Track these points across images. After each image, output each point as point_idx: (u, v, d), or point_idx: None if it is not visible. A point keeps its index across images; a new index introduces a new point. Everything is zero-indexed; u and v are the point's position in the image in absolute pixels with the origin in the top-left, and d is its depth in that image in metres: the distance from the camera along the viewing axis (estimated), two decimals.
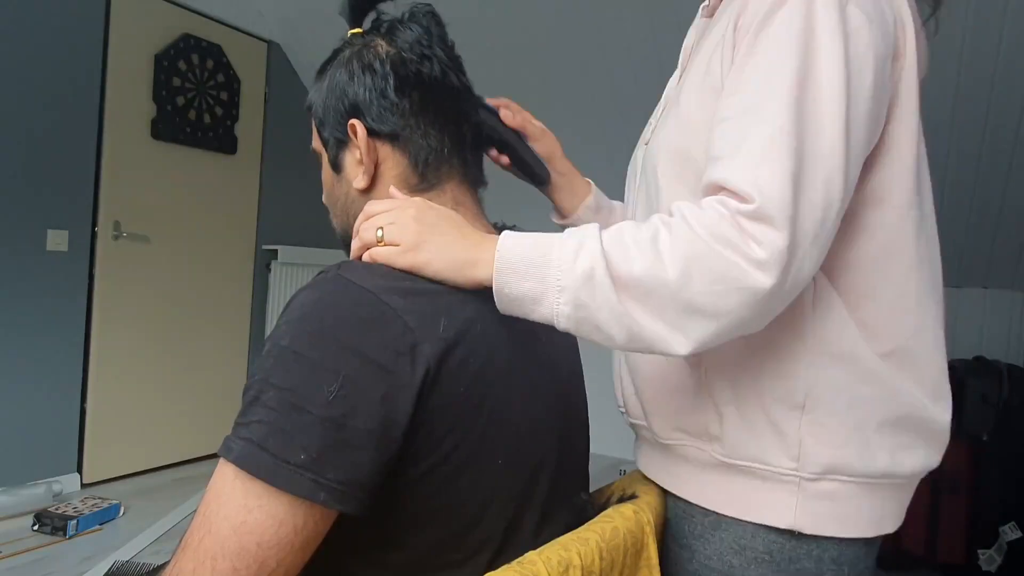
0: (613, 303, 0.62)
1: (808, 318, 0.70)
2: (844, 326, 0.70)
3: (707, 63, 0.73)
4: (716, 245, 0.59)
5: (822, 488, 0.70)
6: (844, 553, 0.72)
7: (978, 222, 2.89)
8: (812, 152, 0.61)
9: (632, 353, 0.82)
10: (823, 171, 0.61)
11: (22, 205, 2.81)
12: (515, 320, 0.68)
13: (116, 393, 3.16)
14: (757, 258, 0.58)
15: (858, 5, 0.65)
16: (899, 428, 0.72)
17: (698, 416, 0.75)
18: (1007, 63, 2.44)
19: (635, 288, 0.61)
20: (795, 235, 0.59)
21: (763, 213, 0.59)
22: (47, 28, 2.85)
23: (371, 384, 0.58)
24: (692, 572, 0.78)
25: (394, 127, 0.75)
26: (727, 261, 0.59)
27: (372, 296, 0.61)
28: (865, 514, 0.72)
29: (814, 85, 0.62)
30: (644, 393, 0.81)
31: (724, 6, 0.78)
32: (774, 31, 0.64)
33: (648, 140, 0.85)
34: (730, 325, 0.61)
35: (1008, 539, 2.55)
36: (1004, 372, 2.70)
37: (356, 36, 0.81)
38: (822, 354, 0.70)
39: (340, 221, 0.83)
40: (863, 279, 0.71)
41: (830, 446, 0.70)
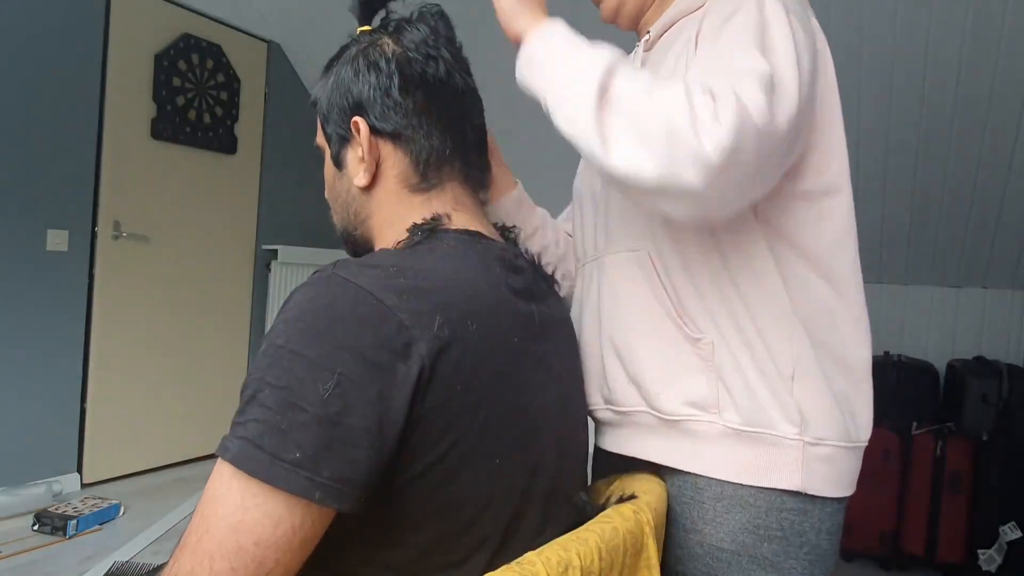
0: (592, 105, 0.67)
1: (788, 297, 0.79)
2: (819, 303, 0.80)
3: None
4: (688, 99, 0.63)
5: (820, 452, 0.78)
6: (834, 521, 0.81)
7: (978, 222, 2.89)
8: (775, 61, 0.68)
9: (623, 342, 0.85)
10: (789, 72, 0.68)
11: (22, 205, 2.81)
12: (514, 320, 0.68)
13: (116, 393, 3.16)
14: (715, 114, 0.62)
15: (795, 15, 0.76)
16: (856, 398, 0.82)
17: (706, 389, 0.80)
18: (1007, 63, 2.44)
19: (615, 99, 0.66)
20: (766, 117, 0.63)
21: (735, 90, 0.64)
22: (47, 28, 2.85)
23: (366, 382, 0.58)
24: (700, 556, 0.81)
25: (397, 126, 0.76)
26: (689, 114, 0.62)
27: (367, 294, 0.61)
28: (847, 476, 0.81)
29: (771, 56, 0.69)
30: (644, 375, 0.83)
31: (665, 42, 0.88)
32: (732, 26, 0.73)
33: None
34: (668, 173, 0.63)
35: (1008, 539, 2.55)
36: (1004, 372, 2.70)
37: (364, 34, 0.81)
38: (803, 330, 0.78)
39: (340, 217, 0.83)
40: (829, 260, 0.80)
41: (820, 413, 0.78)
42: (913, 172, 2.85)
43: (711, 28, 0.76)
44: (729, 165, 0.62)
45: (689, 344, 0.80)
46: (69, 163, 2.95)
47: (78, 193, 2.99)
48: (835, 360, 0.80)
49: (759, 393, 0.77)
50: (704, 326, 0.80)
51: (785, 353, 0.78)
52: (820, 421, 0.77)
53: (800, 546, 0.78)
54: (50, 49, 2.86)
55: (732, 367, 0.79)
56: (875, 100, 2.69)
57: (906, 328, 3.16)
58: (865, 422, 0.82)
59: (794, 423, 0.77)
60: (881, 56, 2.58)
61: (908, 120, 2.71)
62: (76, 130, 2.98)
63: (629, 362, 0.84)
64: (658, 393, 0.82)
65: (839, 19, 2.50)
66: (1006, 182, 2.75)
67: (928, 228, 2.97)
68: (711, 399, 0.79)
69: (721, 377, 0.79)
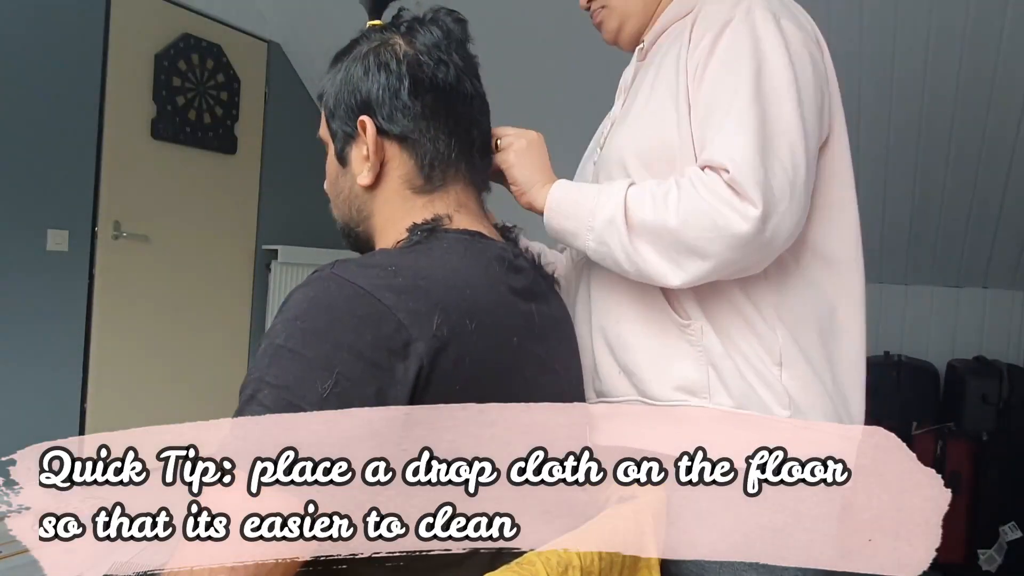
0: (626, 243, 0.79)
1: (782, 284, 0.83)
2: (817, 290, 0.84)
3: (653, 86, 0.89)
4: (711, 199, 0.75)
5: (811, 436, 0.80)
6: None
7: (978, 222, 2.88)
8: (775, 129, 0.77)
9: (614, 331, 0.88)
10: (786, 141, 0.77)
11: (22, 205, 2.81)
12: (513, 320, 0.68)
13: (116, 393, 3.15)
14: (742, 211, 0.74)
15: (787, 18, 0.82)
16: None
17: (695, 374, 0.82)
18: (1007, 63, 2.44)
19: (643, 230, 0.79)
20: (768, 194, 0.74)
21: (735, 179, 0.75)
22: (47, 28, 2.85)
23: (365, 381, 0.58)
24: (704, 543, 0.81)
25: (404, 129, 0.75)
26: (718, 212, 0.75)
27: (366, 293, 0.61)
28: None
29: (767, 79, 0.78)
30: (635, 363, 0.85)
31: (659, 48, 0.93)
32: (725, 45, 0.80)
33: (602, 145, 0.96)
34: (721, 264, 0.77)
35: (1008, 539, 2.55)
36: (1004, 372, 2.70)
37: (374, 30, 0.80)
38: (795, 318, 0.82)
39: (341, 213, 0.83)
40: (829, 247, 0.85)
41: (811, 399, 0.81)
42: (913, 172, 2.85)
43: (703, 50, 0.82)
44: (764, 229, 0.75)
45: (678, 329, 0.83)
46: (69, 163, 2.95)
47: (78, 193, 2.99)
48: (827, 347, 0.83)
49: (749, 377, 0.80)
50: (693, 312, 0.83)
51: (775, 341, 0.81)
52: (811, 408, 0.80)
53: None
54: (50, 49, 2.86)
55: (721, 352, 0.81)
56: (875, 100, 2.69)
57: (906, 328, 3.16)
58: (858, 411, 0.85)
59: (783, 405, 0.80)
60: (881, 56, 2.58)
61: (908, 120, 2.71)
62: (76, 130, 2.97)
63: (619, 351, 0.86)
64: (649, 380, 0.84)
65: (839, 21, 2.50)
66: (1006, 182, 2.75)
67: (928, 228, 2.97)
68: (701, 384, 0.81)
69: (711, 361, 0.81)
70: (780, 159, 0.76)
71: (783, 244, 0.78)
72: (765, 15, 0.80)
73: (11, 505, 0.60)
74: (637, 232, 0.79)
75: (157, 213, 3.29)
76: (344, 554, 0.64)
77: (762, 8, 0.81)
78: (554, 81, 3.27)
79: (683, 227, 0.76)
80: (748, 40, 0.79)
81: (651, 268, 0.79)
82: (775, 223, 0.75)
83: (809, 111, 0.79)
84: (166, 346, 3.37)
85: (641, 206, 0.79)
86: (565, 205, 0.84)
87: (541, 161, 0.89)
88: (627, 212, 0.79)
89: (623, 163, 0.88)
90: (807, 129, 0.78)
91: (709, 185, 0.76)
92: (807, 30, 0.84)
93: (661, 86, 0.87)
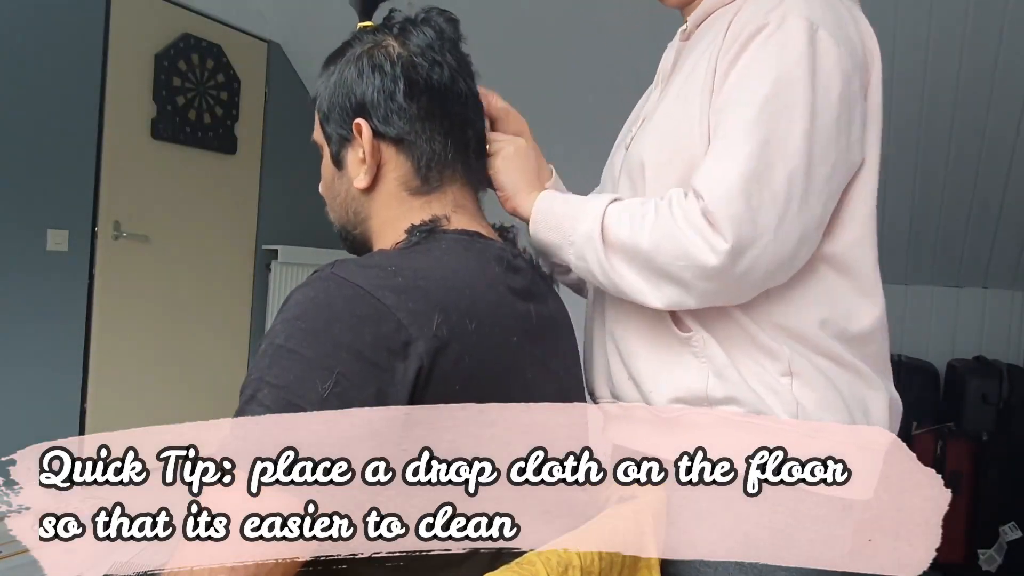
0: (602, 259, 0.79)
1: (788, 297, 0.80)
2: (837, 297, 0.82)
3: (685, 82, 0.85)
4: (684, 226, 0.74)
5: (820, 445, 0.77)
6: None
7: (978, 222, 2.88)
8: (775, 155, 0.72)
9: (622, 338, 0.87)
10: (785, 169, 0.72)
11: (22, 205, 2.81)
12: (512, 320, 0.68)
13: (116, 393, 3.15)
14: (712, 243, 0.72)
15: (826, 28, 0.75)
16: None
17: (698, 384, 0.80)
18: (1007, 63, 2.44)
19: (620, 249, 0.78)
20: (744, 227, 0.71)
21: (708, 209, 0.72)
22: (47, 28, 2.85)
23: (365, 381, 0.58)
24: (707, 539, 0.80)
25: (400, 131, 0.75)
26: (689, 240, 0.73)
27: (366, 293, 0.61)
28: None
29: (780, 100, 0.73)
30: (640, 371, 0.84)
31: (701, 32, 0.88)
32: (748, 57, 0.76)
33: (628, 145, 0.93)
34: (698, 294, 0.75)
35: (1008, 539, 2.55)
36: (1004, 372, 2.70)
37: (366, 31, 0.80)
38: (808, 326, 0.80)
39: (338, 215, 0.83)
40: (848, 256, 0.83)
41: (822, 407, 0.79)
42: (913, 172, 2.85)
43: (730, 57, 0.77)
44: (735, 264, 0.73)
45: (680, 342, 0.81)
46: (69, 163, 2.95)
47: (78, 193, 2.99)
48: (845, 356, 0.81)
49: (756, 387, 0.79)
50: (693, 324, 0.81)
51: (781, 352, 0.79)
52: (824, 417, 0.78)
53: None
54: (50, 49, 2.86)
55: (725, 362, 0.79)
56: None
57: (906, 328, 3.16)
58: (880, 418, 0.82)
59: (791, 414, 0.78)
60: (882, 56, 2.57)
61: (908, 120, 2.71)
62: (76, 130, 2.97)
63: (627, 358, 0.86)
64: (650, 391, 0.83)
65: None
66: (1006, 182, 2.75)
67: (928, 228, 2.97)
68: (702, 394, 0.80)
69: (715, 372, 0.80)
70: (773, 189, 0.72)
71: (762, 279, 0.75)
72: (800, 25, 0.74)
73: (11, 505, 0.60)
74: (614, 249, 0.78)
75: (157, 213, 3.29)
76: (344, 554, 0.64)
77: (799, 16, 0.75)
78: (554, 81, 3.27)
79: (655, 251, 0.75)
80: (771, 55, 0.74)
81: (628, 286, 0.78)
82: (752, 257, 0.72)
83: (824, 136, 0.74)
84: (166, 346, 3.37)
85: (619, 224, 0.78)
86: (548, 217, 0.84)
87: (527, 167, 0.88)
88: (604, 229, 0.78)
89: (643, 168, 0.86)
90: (816, 155, 0.73)
91: (686, 211, 0.74)
92: (851, 45, 0.78)
93: (691, 87, 0.84)
